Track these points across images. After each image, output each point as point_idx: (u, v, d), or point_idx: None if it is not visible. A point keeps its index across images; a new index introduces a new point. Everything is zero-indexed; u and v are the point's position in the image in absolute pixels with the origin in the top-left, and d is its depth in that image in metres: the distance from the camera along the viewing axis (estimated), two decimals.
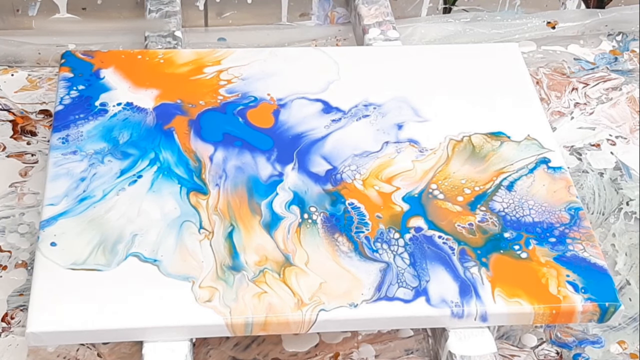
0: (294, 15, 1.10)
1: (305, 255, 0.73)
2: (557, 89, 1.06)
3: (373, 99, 0.86)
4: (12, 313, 0.80)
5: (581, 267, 0.74)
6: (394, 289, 0.71)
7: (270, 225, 0.74)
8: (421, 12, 1.12)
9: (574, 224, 0.77)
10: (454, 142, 0.83)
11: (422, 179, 0.79)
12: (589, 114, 1.04)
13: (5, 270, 0.83)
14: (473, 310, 0.70)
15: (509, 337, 0.83)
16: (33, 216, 0.87)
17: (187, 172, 0.77)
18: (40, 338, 0.67)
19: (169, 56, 0.89)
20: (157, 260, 0.71)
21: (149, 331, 0.68)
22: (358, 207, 0.77)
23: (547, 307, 0.71)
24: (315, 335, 0.81)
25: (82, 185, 0.76)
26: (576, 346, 0.82)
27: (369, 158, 0.81)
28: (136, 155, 0.79)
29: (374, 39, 0.97)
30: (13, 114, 0.96)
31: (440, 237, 0.75)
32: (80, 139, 0.80)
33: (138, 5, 1.05)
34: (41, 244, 0.72)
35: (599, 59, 1.11)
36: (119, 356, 0.78)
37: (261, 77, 0.87)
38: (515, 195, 0.79)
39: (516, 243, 0.75)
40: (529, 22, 1.13)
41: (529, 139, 0.84)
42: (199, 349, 0.79)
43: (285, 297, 0.70)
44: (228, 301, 0.69)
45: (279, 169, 0.79)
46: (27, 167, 0.91)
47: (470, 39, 1.10)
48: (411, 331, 0.82)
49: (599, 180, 0.96)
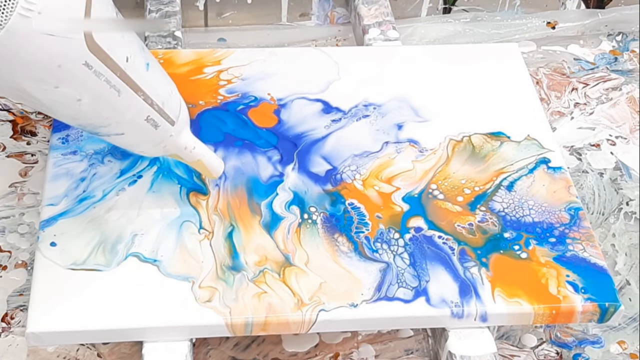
0: (294, 16, 1.10)
1: (305, 255, 0.73)
2: (557, 89, 1.06)
3: (373, 99, 0.86)
4: (12, 313, 0.80)
5: (581, 267, 0.74)
6: (394, 289, 0.71)
7: (270, 226, 0.74)
8: (421, 12, 1.12)
9: (574, 224, 0.77)
10: (454, 142, 0.83)
11: (422, 179, 0.79)
12: (589, 114, 1.04)
13: (5, 270, 0.83)
14: (473, 310, 0.70)
15: (509, 337, 0.83)
16: (33, 216, 0.87)
17: (187, 172, 0.77)
18: (40, 338, 0.68)
19: (168, 56, 0.89)
20: (157, 261, 0.71)
21: (149, 331, 0.68)
22: (358, 207, 0.77)
23: (547, 307, 0.71)
24: (315, 336, 0.81)
25: (82, 185, 0.76)
26: (576, 346, 0.82)
27: (369, 158, 0.81)
28: (136, 156, 0.78)
29: (374, 39, 0.97)
30: (13, 114, 0.96)
31: (440, 237, 0.75)
32: (80, 139, 0.80)
33: (138, 5, 1.05)
34: (41, 244, 0.72)
35: (599, 59, 1.11)
36: (119, 356, 0.79)
37: (261, 77, 0.87)
38: (515, 196, 0.79)
39: (516, 243, 0.75)
40: (529, 22, 1.13)
41: (529, 139, 0.84)
42: (199, 349, 0.79)
43: (285, 297, 0.70)
44: (228, 301, 0.69)
45: (279, 169, 0.79)
46: (27, 167, 0.91)
47: (470, 39, 1.10)
48: (411, 331, 0.82)
49: (599, 180, 0.96)
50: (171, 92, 0.69)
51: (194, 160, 0.73)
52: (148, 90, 0.65)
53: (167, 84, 0.69)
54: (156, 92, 0.66)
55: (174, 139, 0.70)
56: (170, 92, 0.69)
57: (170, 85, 0.69)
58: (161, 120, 0.67)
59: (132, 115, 0.65)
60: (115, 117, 0.65)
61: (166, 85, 0.68)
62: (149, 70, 0.65)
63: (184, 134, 0.71)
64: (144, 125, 0.66)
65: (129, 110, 0.65)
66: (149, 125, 0.67)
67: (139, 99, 0.64)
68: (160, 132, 0.68)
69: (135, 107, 0.65)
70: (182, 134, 0.70)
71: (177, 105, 0.69)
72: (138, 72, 0.64)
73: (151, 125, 0.67)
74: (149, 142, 0.69)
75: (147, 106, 0.65)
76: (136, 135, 0.68)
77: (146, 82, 0.65)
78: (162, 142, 0.69)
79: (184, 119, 0.70)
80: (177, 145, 0.71)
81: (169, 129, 0.69)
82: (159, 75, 0.68)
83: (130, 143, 0.69)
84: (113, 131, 0.66)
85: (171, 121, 0.68)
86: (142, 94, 0.64)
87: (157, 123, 0.67)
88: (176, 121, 0.69)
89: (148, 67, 0.65)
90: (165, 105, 0.67)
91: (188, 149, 0.71)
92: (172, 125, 0.69)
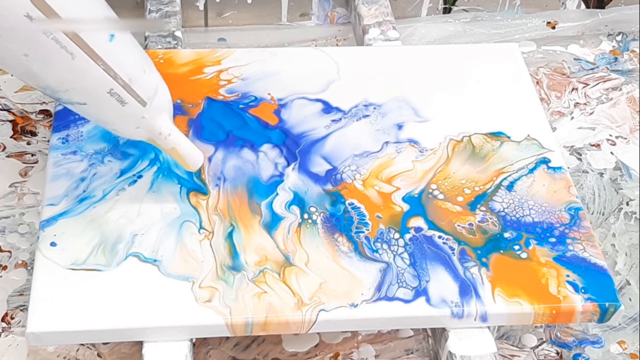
0: (294, 16, 1.10)
1: (305, 255, 0.73)
2: (557, 89, 1.06)
3: (373, 99, 0.86)
4: (12, 313, 0.80)
5: (581, 267, 0.74)
6: (394, 289, 0.71)
7: (270, 226, 0.74)
8: (421, 12, 1.12)
9: (574, 224, 0.77)
10: (454, 142, 0.83)
11: (422, 179, 0.79)
12: (589, 114, 1.04)
13: (5, 270, 0.83)
14: (473, 311, 0.70)
15: (509, 337, 0.83)
16: (33, 216, 0.87)
17: (187, 172, 0.77)
18: (40, 338, 0.68)
19: (168, 56, 0.89)
20: (157, 261, 0.71)
21: (149, 331, 0.68)
22: (358, 207, 0.77)
23: (547, 307, 0.71)
24: (315, 335, 0.81)
25: (82, 186, 0.76)
26: (576, 346, 0.83)
27: (369, 158, 0.81)
28: (136, 156, 0.79)
29: (374, 39, 0.97)
30: (13, 114, 0.96)
31: (440, 237, 0.75)
32: (80, 139, 0.80)
33: (138, 5, 1.05)
34: (41, 244, 0.72)
35: (599, 59, 1.11)
36: (119, 356, 0.79)
37: (261, 77, 0.87)
38: (515, 195, 0.79)
39: (516, 243, 0.75)
40: (529, 22, 1.13)
41: (529, 139, 0.84)
42: (199, 349, 0.79)
43: (285, 297, 0.70)
44: (228, 301, 0.69)
45: (280, 169, 0.79)
46: (27, 167, 0.91)
47: (470, 39, 1.10)
48: (411, 331, 0.82)
49: (599, 180, 0.96)
50: (144, 71, 0.68)
51: (169, 147, 0.72)
52: (110, 61, 0.64)
53: (140, 62, 0.68)
54: (120, 66, 0.65)
55: (147, 121, 0.69)
56: (143, 70, 0.68)
57: (145, 65, 0.68)
58: (128, 97, 0.66)
59: (92, 84, 0.65)
60: (72, 83, 0.64)
61: (137, 63, 0.68)
62: (112, 42, 0.64)
63: (161, 120, 0.70)
64: (107, 98, 0.66)
65: (87, 78, 0.64)
66: (114, 99, 0.66)
67: (98, 68, 0.64)
68: (128, 110, 0.67)
69: (94, 76, 0.64)
70: (158, 119, 0.70)
71: (151, 86, 0.68)
72: (97, 40, 0.63)
73: (116, 100, 0.66)
74: (119, 119, 0.68)
75: (109, 78, 0.65)
76: (101, 109, 0.67)
77: (108, 53, 0.64)
78: (134, 122, 0.69)
79: (161, 104, 0.70)
80: (151, 130, 0.70)
81: (140, 109, 0.68)
82: (128, 51, 0.67)
83: (99, 117, 0.69)
84: (74, 99, 0.66)
85: (141, 101, 0.67)
86: (102, 63, 0.64)
87: (123, 99, 0.66)
88: (148, 103, 0.68)
89: (112, 38, 0.64)
90: (133, 82, 0.66)
91: (163, 134, 0.71)
92: (142, 105, 0.68)
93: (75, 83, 0.64)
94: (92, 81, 0.64)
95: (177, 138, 0.72)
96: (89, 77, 0.64)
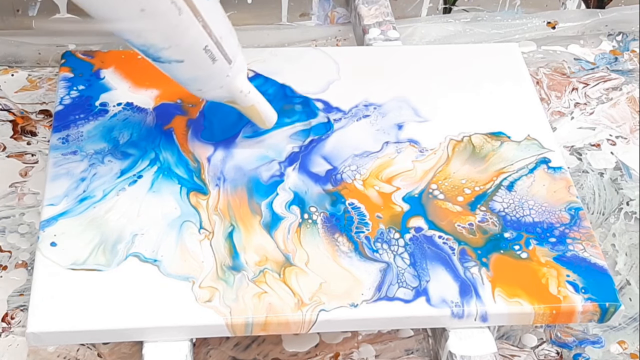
0: (294, 16, 1.10)
1: (305, 255, 0.73)
2: (557, 89, 1.06)
3: (373, 99, 0.86)
4: (12, 313, 0.80)
5: (581, 267, 0.74)
6: (394, 289, 0.71)
7: (271, 225, 0.74)
8: (421, 12, 1.12)
9: (574, 224, 0.77)
10: (454, 142, 0.83)
11: (422, 179, 0.79)
12: (589, 114, 1.04)
13: (5, 270, 0.83)
14: (473, 310, 0.70)
15: (509, 337, 0.83)
16: (33, 216, 0.87)
17: (187, 172, 0.77)
18: (41, 338, 0.68)
19: None
20: (157, 261, 0.71)
21: (149, 331, 0.68)
22: (358, 207, 0.77)
23: (547, 307, 0.71)
24: (316, 335, 0.81)
25: (82, 186, 0.76)
26: (576, 346, 0.83)
27: (369, 158, 0.81)
28: (136, 156, 0.79)
29: (374, 39, 0.97)
30: (13, 114, 0.96)
31: (441, 237, 0.75)
32: (80, 139, 0.80)
33: None
34: (41, 244, 0.72)
35: (599, 59, 1.11)
36: (119, 356, 0.79)
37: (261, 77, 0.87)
38: (515, 195, 0.79)
39: (516, 243, 0.75)
40: (529, 22, 1.13)
41: (529, 139, 0.84)
42: (199, 349, 0.79)
43: (285, 297, 0.70)
44: (228, 301, 0.69)
45: (280, 169, 0.79)
46: (27, 167, 0.91)
47: (470, 39, 1.10)
48: (411, 331, 0.82)
49: (599, 180, 0.96)
50: (230, 31, 0.72)
51: (248, 105, 0.76)
52: (207, 17, 0.68)
53: (227, 22, 0.72)
54: (214, 24, 0.69)
55: (230, 79, 0.73)
56: (230, 30, 0.72)
57: (229, 25, 0.72)
58: (219, 54, 0.71)
59: (191, 40, 0.69)
60: (176, 39, 0.68)
61: (225, 22, 0.72)
62: (209, 0, 0.69)
63: (240, 78, 0.74)
64: (202, 55, 0.70)
65: (188, 33, 0.68)
66: (207, 57, 0.70)
67: (198, 24, 0.68)
68: (217, 68, 0.71)
69: (194, 32, 0.68)
70: (239, 78, 0.74)
71: (235, 45, 0.72)
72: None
73: (209, 57, 0.70)
74: (207, 78, 0.72)
75: (205, 34, 0.69)
76: (195, 66, 0.70)
77: (206, 9, 0.68)
78: (219, 81, 0.72)
79: (241, 64, 0.74)
80: (233, 88, 0.74)
81: (226, 67, 0.72)
82: (219, 10, 0.71)
83: (189, 76, 0.72)
84: (174, 56, 0.69)
85: (229, 59, 0.72)
86: (201, 19, 0.68)
87: (215, 56, 0.70)
88: (233, 61, 0.72)
89: None
90: (223, 40, 0.70)
91: (244, 92, 0.75)
92: (229, 63, 0.72)
93: (178, 39, 0.68)
94: (192, 38, 0.68)
95: (256, 96, 0.76)
96: (190, 33, 0.68)
